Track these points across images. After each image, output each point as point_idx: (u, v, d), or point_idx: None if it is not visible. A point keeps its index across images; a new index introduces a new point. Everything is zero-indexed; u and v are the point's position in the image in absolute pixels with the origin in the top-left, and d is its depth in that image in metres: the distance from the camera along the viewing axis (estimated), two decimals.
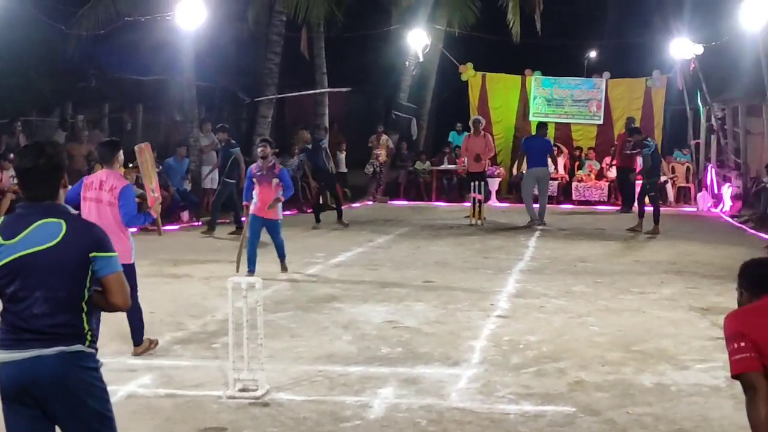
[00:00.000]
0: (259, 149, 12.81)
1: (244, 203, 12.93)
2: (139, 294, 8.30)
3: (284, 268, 12.86)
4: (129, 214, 8.31)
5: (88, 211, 8.32)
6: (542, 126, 20.35)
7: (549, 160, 19.82)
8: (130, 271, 7.94)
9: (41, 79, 19.68)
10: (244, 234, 12.83)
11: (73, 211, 4.44)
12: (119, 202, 8.28)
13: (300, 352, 8.57)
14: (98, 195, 8.35)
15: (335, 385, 7.52)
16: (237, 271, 12.46)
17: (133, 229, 9.00)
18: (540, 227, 18.74)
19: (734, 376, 4.23)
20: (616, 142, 23.44)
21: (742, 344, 4.19)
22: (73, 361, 4.19)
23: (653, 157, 17.95)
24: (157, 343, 8.67)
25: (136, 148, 9.51)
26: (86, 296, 4.27)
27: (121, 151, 8.66)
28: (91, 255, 4.24)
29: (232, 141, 17.58)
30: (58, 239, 4.20)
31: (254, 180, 12.50)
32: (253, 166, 12.80)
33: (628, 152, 22.10)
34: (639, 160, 22.74)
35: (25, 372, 4.14)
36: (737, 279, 4.60)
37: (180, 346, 8.82)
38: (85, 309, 4.27)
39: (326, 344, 8.91)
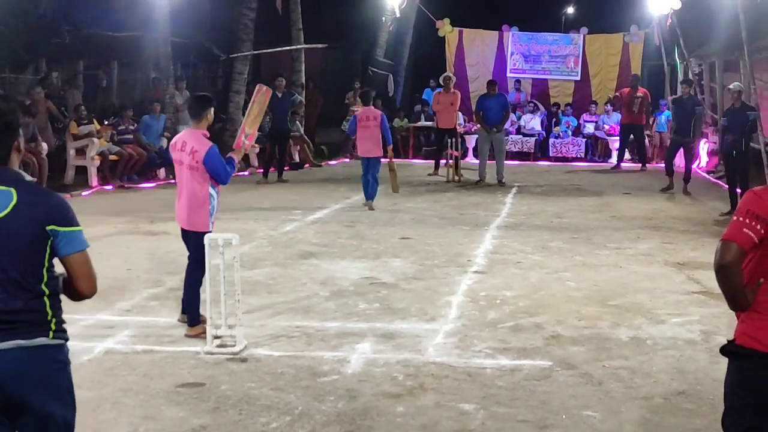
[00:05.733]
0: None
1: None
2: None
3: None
4: (222, 176, 7.57)
5: (177, 174, 7.83)
6: (492, 83, 20.11)
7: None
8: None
9: (13, 35, 19.36)
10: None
11: (28, 178, 3.75)
12: (206, 168, 7.49)
13: (278, 308, 8.58)
14: (180, 157, 7.64)
15: (313, 341, 7.53)
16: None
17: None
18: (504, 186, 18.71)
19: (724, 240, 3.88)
20: (621, 98, 22.69)
21: (755, 225, 3.83)
22: (34, 358, 3.62)
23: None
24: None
25: (258, 86, 8.55)
26: (46, 277, 3.68)
27: (212, 110, 7.83)
28: (49, 228, 3.63)
29: None
30: (8, 210, 3.59)
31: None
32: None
33: (635, 110, 21.85)
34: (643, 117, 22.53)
35: None
36: None
37: (157, 303, 8.80)
38: (47, 292, 3.68)
39: (304, 300, 8.93)
